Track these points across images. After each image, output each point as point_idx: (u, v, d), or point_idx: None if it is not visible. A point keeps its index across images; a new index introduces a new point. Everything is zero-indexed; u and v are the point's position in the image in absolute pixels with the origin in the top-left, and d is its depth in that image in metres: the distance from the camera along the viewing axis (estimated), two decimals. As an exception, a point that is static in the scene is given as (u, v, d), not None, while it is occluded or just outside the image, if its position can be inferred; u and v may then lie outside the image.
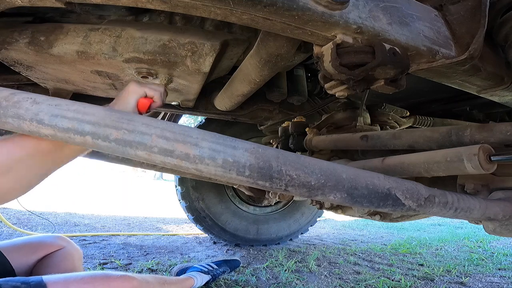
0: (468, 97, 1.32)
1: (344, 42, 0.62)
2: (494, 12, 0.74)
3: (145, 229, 3.03)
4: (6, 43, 0.87)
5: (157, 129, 0.44)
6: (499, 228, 0.70)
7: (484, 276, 2.00)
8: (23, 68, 1.04)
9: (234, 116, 1.64)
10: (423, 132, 0.85)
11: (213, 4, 0.55)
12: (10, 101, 0.45)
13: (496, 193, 0.75)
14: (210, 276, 1.52)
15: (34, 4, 0.66)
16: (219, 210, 2.36)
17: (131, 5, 0.61)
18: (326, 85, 0.72)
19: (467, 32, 0.69)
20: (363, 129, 1.22)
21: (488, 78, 0.77)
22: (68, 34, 0.88)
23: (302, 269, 1.92)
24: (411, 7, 0.68)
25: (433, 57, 0.67)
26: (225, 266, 1.69)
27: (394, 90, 0.69)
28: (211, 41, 0.89)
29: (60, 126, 0.44)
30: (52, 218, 3.02)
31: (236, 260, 1.83)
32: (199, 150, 0.44)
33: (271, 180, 0.46)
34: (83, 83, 1.19)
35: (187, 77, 1.07)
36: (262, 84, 1.06)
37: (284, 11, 0.55)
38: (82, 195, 5.93)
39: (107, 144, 0.43)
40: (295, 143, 1.43)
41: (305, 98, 1.48)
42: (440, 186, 0.89)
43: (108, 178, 12.84)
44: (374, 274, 1.89)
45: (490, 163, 0.62)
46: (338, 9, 0.57)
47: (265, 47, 0.83)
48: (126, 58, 0.93)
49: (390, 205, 0.54)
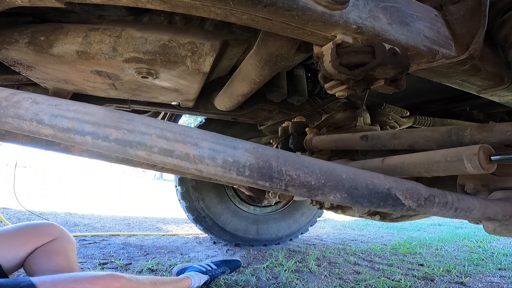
0: (468, 97, 1.32)
1: (344, 42, 0.62)
2: (494, 12, 0.74)
3: (145, 229, 3.03)
4: (6, 43, 0.87)
5: (157, 129, 0.44)
6: (499, 228, 0.70)
7: (484, 276, 2.00)
8: (23, 68, 1.04)
9: (234, 116, 1.64)
10: (423, 132, 0.85)
11: (213, 4, 0.55)
12: (10, 101, 0.45)
13: (496, 193, 0.75)
14: (208, 277, 1.51)
15: (34, 4, 0.66)
16: (219, 210, 2.36)
17: (131, 5, 0.61)
18: (326, 85, 0.72)
19: (467, 32, 0.69)
20: (363, 129, 1.22)
21: (488, 78, 0.77)
22: (68, 34, 0.87)
23: (302, 269, 1.92)
24: (411, 7, 0.68)
25: (433, 57, 0.67)
26: (225, 267, 1.68)
27: (394, 90, 0.69)
28: (211, 41, 0.89)
29: (60, 126, 0.44)
30: (52, 218, 3.02)
31: (236, 260, 1.82)
32: (199, 150, 0.44)
33: (271, 180, 0.46)
34: (83, 83, 1.19)
35: (187, 77, 1.07)
36: (262, 84, 1.06)
37: (284, 11, 0.55)
38: (82, 195, 5.93)
39: (107, 144, 0.43)
40: (295, 143, 1.43)
41: (305, 98, 1.48)
42: (440, 186, 0.89)
43: (108, 178, 12.83)
44: (374, 274, 1.89)
45: (490, 163, 0.62)
46: (338, 9, 0.57)
47: (265, 47, 0.83)
48: (126, 58, 0.93)
49: (390, 205, 0.54)
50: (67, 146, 1.42)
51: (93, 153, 1.50)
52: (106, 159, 1.59)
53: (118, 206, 4.75)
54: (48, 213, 3.38)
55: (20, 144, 1.37)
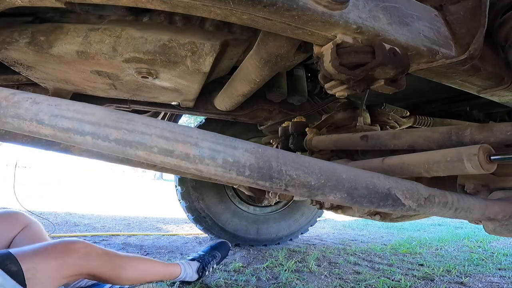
0: (468, 97, 1.32)
1: (344, 42, 0.62)
2: (494, 12, 0.74)
3: (145, 229, 3.03)
4: (6, 43, 0.87)
5: (157, 129, 0.44)
6: (499, 228, 0.70)
7: (484, 276, 2.00)
8: (23, 68, 1.04)
9: (234, 116, 1.64)
10: (423, 132, 0.85)
11: (213, 4, 0.55)
12: (10, 101, 0.45)
13: (496, 193, 0.75)
14: (198, 263, 1.52)
15: (34, 4, 0.66)
16: (219, 210, 2.36)
17: (131, 5, 0.61)
18: (326, 85, 0.72)
19: (467, 32, 0.69)
20: (363, 129, 1.22)
21: (488, 78, 0.77)
22: (68, 34, 0.87)
23: (302, 269, 1.92)
24: (411, 7, 0.68)
25: (433, 57, 0.67)
26: (215, 251, 1.68)
27: (394, 90, 0.69)
28: (211, 41, 0.89)
29: (60, 126, 0.43)
30: (52, 218, 3.02)
31: (222, 241, 1.82)
32: (199, 150, 0.44)
33: (271, 180, 0.46)
34: (83, 83, 1.19)
35: (187, 77, 1.07)
36: (262, 84, 1.06)
37: (284, 11, 0.55)
38: (82, 195, 5.93)
39: (107, 144, 0.43)
40: (295, 143, 1.43)
41: (305, 98, 1.48)
42: (440, 186, 0.89)
43: (108, 178, 12.83)
44: (374, 274, 1.89)
45: (490, 163, 0.61)
46: (338, 9, 0.57)
47: (265, 47, 0.83)
48: (126, 58, 0.93)
49: (390, 205, 0.54)
50: (67, 146, 1.42)
51: (93, 153, 1.50)
52: (106, 159, 1.59)
53: (118, 206, 4.75)
54: (48, 213, 3.38)
55: (20, 144, 1.37)
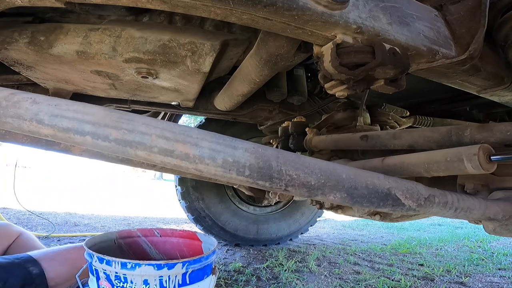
0: (468, 97, 1.31)
1: (344, 42, 0.62)
2: (494, 12, 0.74)
3: (145, 229, 3.02)
4: (6, 43, 0.86)
5: (157, 129, 0.44)
6: (499, 228, 0.70)
7: (484, 276, 2.00)
8: (23, 68, 1.04)
9: (234, 116, 1.64)
10: (423, 132, 0.85)
11: (213, 4, 0.55)
12: (10, 101, 0.45)
13: (496, 193, 0.75)
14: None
15: (34, 4, 0.66)
16: (219, 210, 2.36)
17: (131, 5, 0.61)
18: (326, 85, 0.72)
19: (467, 32, 0.69)
20: (363, 129, 1.22)
21: (488, 78, 0.77)
22: (68, 34, 0.87)
23: (302, 269, 1.92)
24: (411, 7, 0.68)
25: (433, 57, 0.67)
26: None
27: (394, 90, 0.69)
28: (211, 41, 0.89)
29: (60, 126, 0.43)
30: (52, 218, 3.02)
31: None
32: (199, 150, 0.44)
33: (271, 180, 0.46)
34: (83, 83, 1.19)
35: (187, 77, 1.07)
36: (262, 84, 1.05)
37: (284, 11, 0.55)
38: (82, 195, 5.93)
39: (107, 144, 0.43)
40: (295, 143, 1.43)
41: (305, 98, 1.48)
42: (440, 186, 0.89)
43: (108, 178, 12.84)
44: (374, 274, 1.89)
45: (490, 163, 0.62)
46: (338, 9, 0.57)
47: (265, 47, 0.83)
48: (126, 58, 0.93)
49: (390, 205, 0.54)
50: (67, 146, 1.42)
51: (93, 153, 1.49)
52: (106, 159, 1.59)
53: (118, 206, 4.75)
54: (48, 213, 3.38)
55: (20, 144, 1.36)
